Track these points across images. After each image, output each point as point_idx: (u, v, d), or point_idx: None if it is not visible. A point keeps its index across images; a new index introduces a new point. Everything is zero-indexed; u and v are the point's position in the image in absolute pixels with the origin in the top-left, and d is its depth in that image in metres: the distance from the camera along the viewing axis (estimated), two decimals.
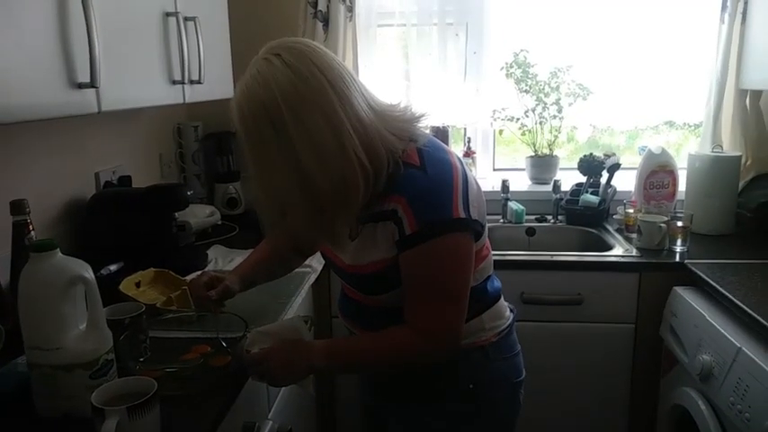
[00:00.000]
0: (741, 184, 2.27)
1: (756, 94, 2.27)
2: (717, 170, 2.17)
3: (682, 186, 2.31)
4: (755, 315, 1.46)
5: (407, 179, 1.06)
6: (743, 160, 2.25)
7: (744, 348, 1.43)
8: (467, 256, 1.10)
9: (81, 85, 1.14)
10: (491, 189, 2.44)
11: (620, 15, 2.40)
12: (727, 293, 1.61)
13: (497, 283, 1.28)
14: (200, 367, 1.16)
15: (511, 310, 1.30)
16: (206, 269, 1.83)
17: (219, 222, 2.25)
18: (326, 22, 2.32)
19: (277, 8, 2.43)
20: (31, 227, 1.28)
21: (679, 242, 2.01)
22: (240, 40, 2.13)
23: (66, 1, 1.10)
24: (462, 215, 1.06)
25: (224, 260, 1.94)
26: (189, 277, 1.62)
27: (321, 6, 2.30)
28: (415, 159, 1.07)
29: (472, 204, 1.08)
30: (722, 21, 2.25)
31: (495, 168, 2.77)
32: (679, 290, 1.83)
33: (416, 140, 1.10)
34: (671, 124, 2.67)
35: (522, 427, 1.32)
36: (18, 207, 1.26)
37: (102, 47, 1.16)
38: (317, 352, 1.14)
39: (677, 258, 1.96)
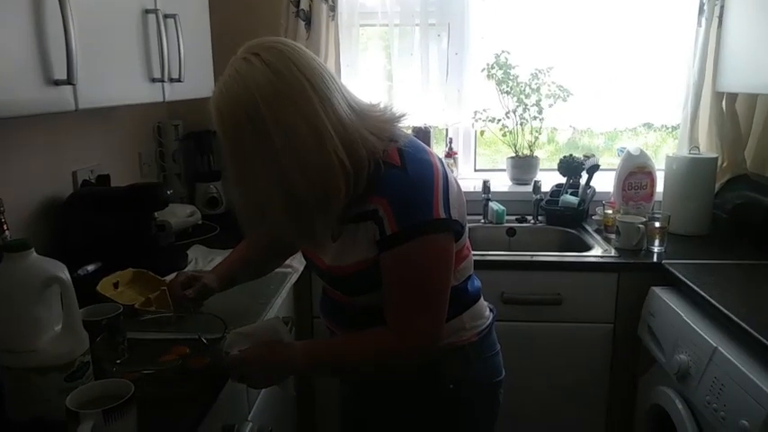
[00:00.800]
0: (717, 185, 2.30)
1: (732, 97, 2.31)
2: (694, 172, 2.21)
3: (659, 187, 2.34)
4: (731, 315, 1.48)
5: (388, 180, 1.06)
6: (719, 162, 2.29)
7: (719, 348, 1.45)
8: (447, 257, 1.10)
9: (57, 82, 1.12)
10: (472, 189, 2.45)
11: (600, 18, 2.43)
12: (703, 293, 1.64)
13: (477, 282, 1.28)
14: (179, 369, 1.14)
15: (491, 310, 1.31)
16: (186, 269, 1.82)
17: (200, 222, 2.23)
18: (309, 21, 2.31)
19: (259, 7, 2.41)
20: (5, 226, 1.25)
21: (657, 243, 2.03)
22: (221, 38, 2.11)
23: None
24: (443, 215, 1.06)
25: (204, 260, 1.92)
26: (168, 278, 1.60)
27: (303, 5, 2.29)
28: (396, 160, 1.07)
29: (452, 205, 1.09)
30: (699, 24, 2.28)
31: (477, 169, 2.78)
32: (657, 290, 1.85)
33: (397, 141, 1.10)
34: (649, 126, 2.71)
35: (501, 427, 1.33)
36: None
37: (80, 43, 1.14)
38: (298, 354, 1.13)
39: (655, 259, 1.99)
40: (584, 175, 2.39)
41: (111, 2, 1.39)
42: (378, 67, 2.62)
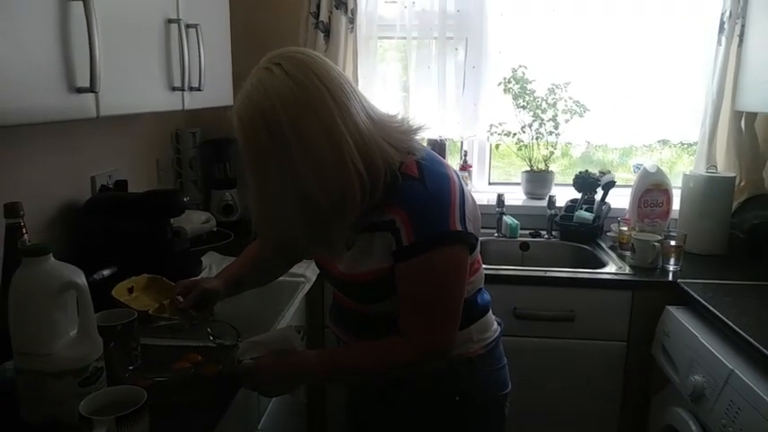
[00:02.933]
0: (735, 205, 2.28)
1: (751, 116, 2.29)
2: (711, 190, 2.19)
3: (675, 205, 2.32)
4: (748, 337, 1.46)
5: (406, 191, 1.07)
6: (737, 181, 2.27)
7: (736, 371, 1.43)
8: (462, 269, 1.11)
9: (80, 90, 1.13)
10: (486, 203, 2.45)
11: (618, 34, 2.42)
12: (719, 314, 1.62)
13: (487, 296, 1.29)
14: (191, 377, 1.15)
15: (498, 324, 1.31)
16: (200, 276, 1.83)
17: (215, 229, 2.24)
18: (328, 32, 2.33)
19: (278, 18, 2.43)
20: (24, 230, 1.26)
21: (672, 261, 2.01)
22: (241, 48, 2.13)
23: (68, 5, 1.10)
24: (459, 228, 1.07)
25: (218, 267, 1.92)
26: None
27: (323, 17, 2.31)
28: (414, 172, 1.09)
29: (468, 218, 1.09)
30: (719, 42, 2.27)
31: (491, 182, 2.78)
32: (672, 309, 1.83)
33: (415, 153, 1.11)
34: (664, 142, 2.69)
35: None
36: (12, 210, 1.25)
37: (103, 52, 1.16)
38: (311, 362, 1.15)
39: (670, 277, 1.97)
40: (600, 191, 2.37)
41: (135, 11, 1.41)
42: (394, 79, 2.63)
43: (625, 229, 2.22)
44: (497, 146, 2.72)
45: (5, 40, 0.96)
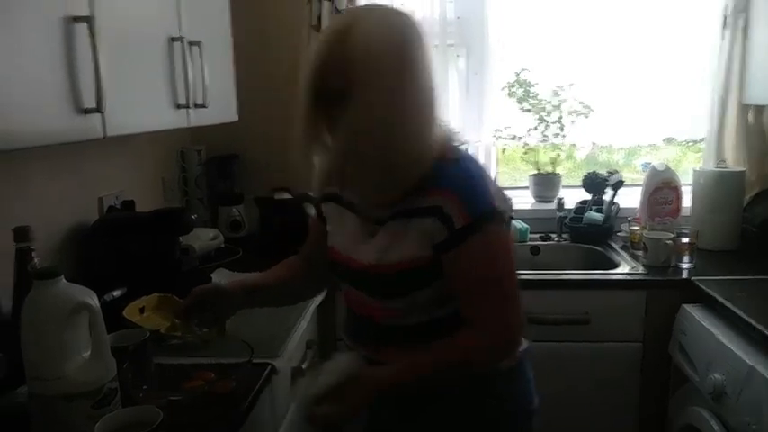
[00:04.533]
0: (746, 199, 2.26)
1: (759, 110, 2.27)
2: (721, 186, 2.17)
3: (686, 202, 2.30)
4: (767, 333, 1.44)
5: (451, 172, 1.05)
6: (747, 176, 2.25)
7: (757, 367, 1.41)
8: (512, 246, 1.11)
9: (87, 111, 1.13)
10: None
11: (620, 33, 2.42)
12: (736, 310, 1.60)
13: None
14: (205, 394, 1.14)
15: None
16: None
17: (223, 246, 2.24)
18: None
19: (280, 31, 2.43)
20: (34, 253, 1.26)
21: (686, 259, 2.00)
22: (243, 64, 2.14)
23: (72, 27, 1.10)
24: (498, 206, 1.06)
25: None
26: None
27: (324, 27, 2.31)
28: (453, 155, 1.08)
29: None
30: (723, 37, 2.26)
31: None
32: (687, 307, 1.81)
33: (452, 139, 1.12)
34: (668, 141, 2.68)
35: None
36: (22, 234, 1.25)
37: (108, 72, 1.16)
38: (382, 379, 1.09)
39: (684, 275, 1.95)
40: (609, 192, 2.36)
41: (138, 31, 1.41)
42: None
43: (636, 228, 2.20)
44: (503, 150, 2.71)
45: (11, 63, 0.96)
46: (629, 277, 1.97)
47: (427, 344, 1.09)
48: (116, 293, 1.53)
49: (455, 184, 1.04)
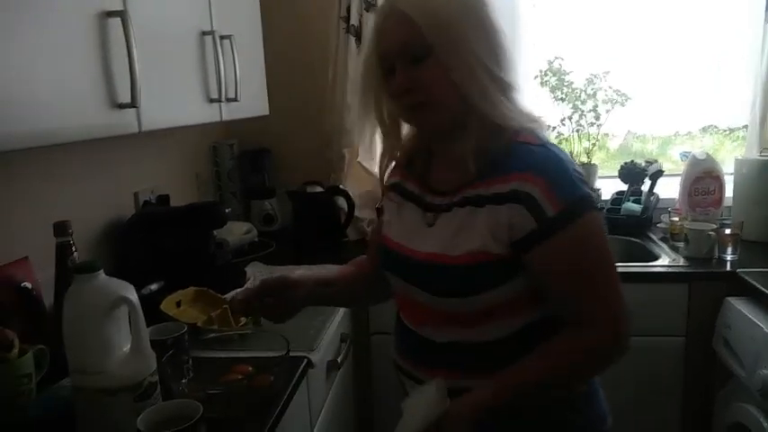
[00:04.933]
0: None
1: None
2: (765, 175, 2.10)
3: (728, 192, 2.23)
4: None
5: (536, 155, 0.95)
6: None
7: None
8: (606, 233, 0.99)
9: (122, 106, 1.14)
10: None
11: (657, 18, 2.34)
12: None
13: None
14: (244, 388, 1.14)
15: None
16: (245, 286, 1.82)
17: (256, 239, 2.25)
18: (359, 36, 2.31)
19: (309, 25, 2.43)
20: (74, 248, 1.28)
21: (729, 250, 1.93)
22: (273, 57, 2.14)
23: (107, 23, 1.10)
24: (591, 192, 0.98)
25: (263, 277, 1.92)
26: (229, 295, 1.61)
27: (353, 21, 2.29)
28: (535, 140, 0.97)
29: None
30: (767, 21, 2.17)
31: None
32: (732, 300, 1.75)
33: (534, 121, 1.01)
34: (705, 129, 2.60)
35: None
36: (61, 228, 1.26)
37: (142, 66, 1.16)
38: (480, 408, 0.94)
39: (728, 267, 1.89)
40: (647, 182, 2.30)
41: (170, 25, 1.41)
42: None
43: (677, 219, 2.14)
44: None
45: (46, 60, 0.97)
46: (670, 270, 1.91)
47: (490, 367, 0.96)
48: (153, 287, 1.55)
49: (542, 167, 0.93)
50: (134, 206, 1.82)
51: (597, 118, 2.46)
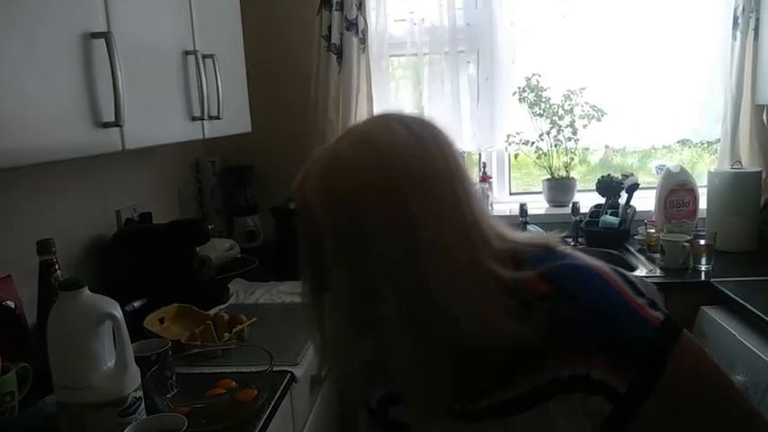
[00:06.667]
0: (763, 200, 2.24)
1: None
2: (737, 187, 2.16)
3: (702, 204, 2.29)
4: None
5: (569, 321, 0.71)
6: (763, 176, 2.23)
7: None
8: (705, 353, 0.74)
9: (106, 125, 1.15)
10: (509, 213, 2.44)
11: (630, 35, 2.41)
12: (756, 311, 1.58)
13: None
14: (227, 403, 1.15)
15: None
16: (228, 303, 1.83)
17: (239, 256, 2.25)
18: (340, 54, 2.35)
19: (291, 42, 2.46)
20: (57, 266, 1.28)
21: (703, 261, 1.98)
22: (256, 75, 2.16)
23: (91, 43, 1.12)
24: (659, 315, 0.71)
25: (245, 293, 1.94)
26: (212, 312, 1.62)
27: (334, 39, 2.33)
28: (544, 287, 0.73)
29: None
30: (734, 38, 2.25)
31: (512, 192, 2.76)
32: (707, 309, 1.80)
33: (522, 262, 0.75)
34: (683, 143, 2.66)
35: None
36: (44, 247, 1.27)
37: (126, 86, 1.18)
38: None
39: (702, 277, 1.93)
40: (624, 195, 2.35)
41: (153, 46, 1.43)
42: (408, 96, 2.64)
43: (653, 231, 2.19)
44: (516, 156, 2.71)
45: (31, 80, 0.98)
46: (647, 280, 1.95)
47: None
48: (136, 304, 1.55)
49: (585, 337, 0.70)
50: (116, 224, 1.83)
51: (575, 133, 2.52)
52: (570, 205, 2.42)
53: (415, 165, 0.71)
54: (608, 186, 2.38)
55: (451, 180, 0.73)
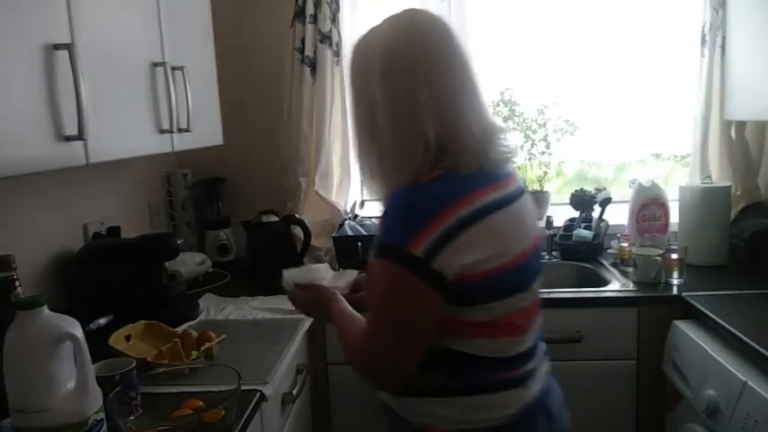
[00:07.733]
0: (733, 214, 2.28)
1: (741, 125, 2.30)
2: (708, 201, 2.18)
3: (674, 218, 2.31)
4: (758, 347, 1.44)
5: (397, 193, 1.00)
6: (733, 190, 2.27)
7: (749, 382, 1.40)
8: (405, 297, 0.98)
9: (69, 138, 1.12)
10: None
11: (601, 50, 2.44)
12: (727, 326, 1.60)
13: (503, 374, 1.09)
14: (194, 424, 1.12)
15: (529, 413, 1.12)
16: (198, 319, 1.80)
17: (210, 270, 2.22)
18: (314, 66, 2.34)
19: (264, 54, 2.44)
20: (17, 283, 1.24)
21: (675, 275, 2.00)
22: (227, 86, 2.14)
23: (53, 54, 1.09)
24: (418, 254, 0.94)
25: (216, 309, 1.90)
26: (180, 329, 1.58)
27: (308, 52, 2.32)
28: (424, 180, 0.99)
29: (452, 258, 0.95)
30: (702, 54, 2.29)
31: None
32: (679, 324, 1.80)
33: (456, 167, 1.00)
34: (657, 156, 2.70)
35: None
36: (4, 263, 1.23)
37: (90, 98, 1.15)
38: (331, 308, 1.19)
39: (675, 291, 1.95)
40: (597, 209, 2.37)
41: (120, 57, 1.40)
42: None
43: (625, 245, 2.21)
44: None
45: None
46: (620, 294, 1.96)
47: None
48: (102, 321, 1.52)
49: (390, 204, 1.01)
50: (83, 238, 1.78)
51: (548, 146, 2.54)
52: (544, 219, 2.43)
53: (387, 49, 1.09)
54: (581, 200, 2.40)
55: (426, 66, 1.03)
